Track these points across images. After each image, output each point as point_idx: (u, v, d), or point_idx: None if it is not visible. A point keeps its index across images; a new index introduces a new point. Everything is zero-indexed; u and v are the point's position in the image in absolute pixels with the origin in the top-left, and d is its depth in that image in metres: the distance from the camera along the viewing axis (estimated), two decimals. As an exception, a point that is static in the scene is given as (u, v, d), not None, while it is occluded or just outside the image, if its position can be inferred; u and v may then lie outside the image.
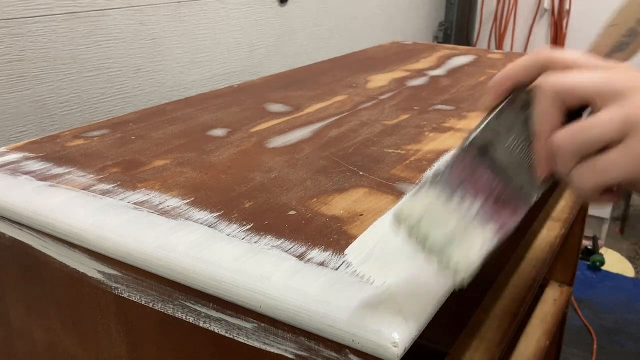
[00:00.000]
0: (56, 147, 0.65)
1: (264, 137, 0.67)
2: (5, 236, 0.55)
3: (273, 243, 0.43)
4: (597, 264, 2.11)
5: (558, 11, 2.27)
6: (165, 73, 1.10)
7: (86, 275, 0.50)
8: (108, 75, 0.99)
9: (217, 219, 0.47)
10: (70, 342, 0.55)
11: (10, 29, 0.83)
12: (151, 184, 0.54)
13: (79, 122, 0.95)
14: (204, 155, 0.62)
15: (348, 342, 0.36)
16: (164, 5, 1.06)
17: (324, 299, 0.37)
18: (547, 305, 1.18)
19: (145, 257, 0.44)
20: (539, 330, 1.06)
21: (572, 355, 1.68)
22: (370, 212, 0.48)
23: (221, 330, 0.43)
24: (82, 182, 0.55)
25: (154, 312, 0.46)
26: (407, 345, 0.34)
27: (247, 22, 1.27)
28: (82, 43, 0.93)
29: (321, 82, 0.95)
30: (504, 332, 0.67)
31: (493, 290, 0.75)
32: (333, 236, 0.44)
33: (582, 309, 1.87)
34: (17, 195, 0.53)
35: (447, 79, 0.97)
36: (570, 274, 1.28)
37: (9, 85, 0.84)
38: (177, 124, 0.73)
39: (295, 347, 0.39)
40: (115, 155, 0.62)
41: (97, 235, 0.47)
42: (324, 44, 1.57)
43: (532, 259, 0.85)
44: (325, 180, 0.55)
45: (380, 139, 0.66)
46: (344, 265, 0.40)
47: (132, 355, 0.50)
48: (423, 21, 2.19)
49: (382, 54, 1.20)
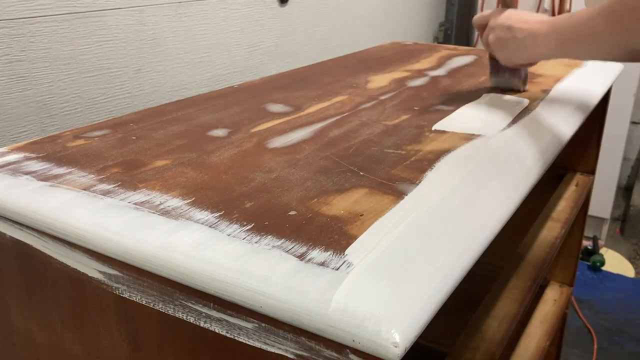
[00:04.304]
0: (57, 147, 0.65)
1: (265, 137, 0.68)
2: (5, 236, 0.55)
3: (274, 243, 0.43)
4: (597, 264, 2.11)
5: (558, 11, 2.27)
6: (165, 73, 1.10)
7: (87, 275, 0.50)
8: (108, 75, 0.99)
9: (218, 219, 0.47)
10: (70, 342, 0.55)
11: (11, 29, 0.83)
12: (152, 184, 0.54)
13: (80, 122, 0.95)
14: (204, 155, 0.62)
15: (348, 342, 0.36)
16: (164, 5, 1.06)
17: (324, 298, 0.37)
18: (547, 305, 1.18)
19: (146, 257, 0.44)
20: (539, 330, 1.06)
21: (572, 355, 1.68)
22: (371, 212, 0.48)
23: (222, 330, 0.43)
24: (82, 182, 0.55)
25: (155, 312, 0.46)
26: (407, 345, 0.34)
27: (247, 22, 1.27)
28: (82, 43, 0.93)
29: (321, 82, 0.95)
30: (504, 332, 0.67)
31: (493, 290, 0.75)
32: (333, 236, 0.44)
33: (582, 309, 1.87)
34: (17, 195, 0.53)
35: (447, 79, 0.97)
36: (570, 274, 1.29)
37: (9, 85, 0.84)
38: (178, 124, 0.73)
39: (295, 347, 0.39)
40: (116, 155, 0.62)
41: (98, 235, 0.47)
42: (324, 44, 1.57)
43: (532, 259, 0.85)
44: (325, 180, 0.55)
45: (380, 139, 0.66)
46: (345, 265, 0.40)
47: (133, 355, 0.50)
48: (423, 21, 2.19)
49: (382, 54, 1.20)
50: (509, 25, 0.74)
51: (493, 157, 0.62)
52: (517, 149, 0.66)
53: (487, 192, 0.54)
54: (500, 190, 0.55)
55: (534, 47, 0.72)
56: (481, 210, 0.50)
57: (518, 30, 0.73)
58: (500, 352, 0.64)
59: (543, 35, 0.70)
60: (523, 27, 0.72)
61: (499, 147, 0.65)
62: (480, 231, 0.47)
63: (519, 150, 0.65)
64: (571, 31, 0.67)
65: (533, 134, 0.71)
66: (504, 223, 0.51)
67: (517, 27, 0.73)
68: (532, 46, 0.72)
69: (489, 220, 0.49)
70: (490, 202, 0.52)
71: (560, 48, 0.69)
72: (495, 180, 0.57)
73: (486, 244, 0.46)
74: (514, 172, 0.59)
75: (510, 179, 0.58)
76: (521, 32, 0.73)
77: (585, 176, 1.23)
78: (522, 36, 0.73)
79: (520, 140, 0.68)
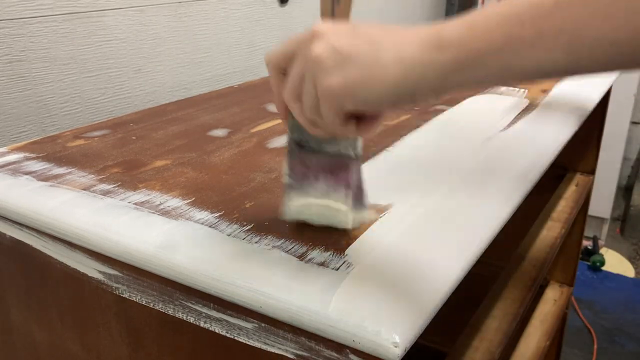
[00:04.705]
0: (57, 147, 0.65)
1: (265, 137, 0.67)
2: (6, 236, 0.55)
3: (273, 243, 0.43)
4: (597, 264, 2.11)
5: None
6: (165, 73, 1.10)
7: (87, 275, 0.50)
8: (108, 75, 0.99)
9: (218, 219, 0.47)
10: (70, 342, 0.55)
11: (11, 29, 0.83)
12: (152, 184, 0.54)
13: (80, 122, 0.95)
14: (204, 155, 0.62)
15: (348, 342, 0.36)
16: (164, 5, 1.06)
17: (324, 298, 0.37)
18: (547, 305, 1.18)
19: (146, 257, 0.44)
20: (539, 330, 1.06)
21: (572, 355, 1.68)
22: (371, 212, 0.48)
23: (222, 330, 0.43)
24: (82, 182, 0.55)
25: (155, 312, 0.46)
26: (407, 345, 0.34)
27: (247, 22, 1.27)
28: (82, 43, 0.93)
29: (321, 82, 0.95)
30: (504, 332, 0.67)
31: (493, 290, 0.75)
32: (333, 236, 0.44)
33: (582, 309, 1.87)
34: (17, 195, 0.53)
35: (447, 79, 0.97)
36: (570, 274, 1.28)
37: (9, 86, 0.84)
38: (178, 124, 0.73)
39: (295, 347, 0.39)
40: (116, 155, 0.62)
41: (98, 235, 0.47)
42: (324, 44, 1.57)
43: (532, 259, 0.85)
44: (325, 180, 0.55)
45: (380, 139, 0.66)
46: (345, 266, 0.40)
47: (133, 355, 0.50)
48: (423, 21, 2.19)
49: (382, 54, 1.20)
50: (353, 31, 0.38)
51: (493, 157, 0.62)
52: (517, 149, 0.66)
53: (487, 192, 0.54)
54: (500, 190, 0.55)
55: (410, 63, 0.35)
56: (481, 210, 0.50)
57: (379, 37, 0.37)
58: (500, 352, 0.64)
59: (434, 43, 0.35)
60: (384, 34, 0.37)
61: (499, 147, 0.65)
62: (480, 231, 0.47)
63: (519, 151, 0.65)
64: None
65: (533, 134, 0.71)
66: (504, 223, 0.50)
67: (375, 33, 0.37)
68: (409, 62, 0.35)
69: (489, 220, 0.49)
70: (490, 202, 0.52)
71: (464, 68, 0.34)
72: (495, 180, 0.57)
73: (486, 244, 0.46)
74: (513, 172, 0.59)
75: (510, 179, 0.58)
76: (388, 40, 0.36)
77: (585, 176, 1.23)
78: (389, 45, 0.36)
79: (520, 141, 0.68)
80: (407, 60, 0.34)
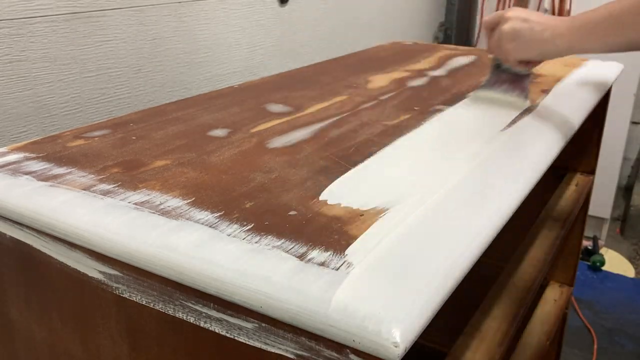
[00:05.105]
0: (57, 147, 0.65)
1: (265, 137, 0.68)
2: (6, 236, 0.55)
3: (274, 243, 0.43)
4: (597, 264, 2.11)
5: (558, 11, 2.27)
6: (165, 73, 1.10)
7: (87, 275, 0.50)
8: (108, 75, 0.99)
9: (218, 219, 0.47)
10: (70, 342, 0.55)
11: (11, 29, 0.83)
12: (152, 184, 0.54)
13: (80, 122, 0.95)
14: (204, 155, 0.62)
15: (349, 342, 0.36)
16: (164, 5, 1.06)
17: (324, 298, 0.37)
18: (547, 305, 1.18)
19: (146, 257, 0.44)
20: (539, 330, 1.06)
21: (572, 355, 1.68)
22: (371, 212, 0.48)
23: (222, 330, 0.43)
24: (82, 182, 0.55)
25: (155, 312, 0.46)
26: (407, 345, 0.34)
27: (247, 22, 1.27)
28: (82, 43, 0.93)
29: (322, 82, 0.95)
30: (504, 332, 0.67)
31: (493, 290, 0.75)
32: (333, 236, 0.44)
33: (582, 309, 1.87)
34: (17, 195, 0.53)
35: (447, 79, 0.97)
36: (570, 274, 1.28)
37: (9, 86, 0.84)
38: (178, 124, 0.73)
39: (295, 347, 0.39)
40: (116, 155, 0.62)
41: (98, 235, 0.47)
42: (324, 44, 1.57)
43: (532, 259, 0.85)
44: (325, 180, 0.55)
45: (380, 139, 0.66)
46: (345, 265, 0.40)
47: (133, 355, 0.50)
48: (423, 21, 2.19)
49: (382, 54, 1.20)
50: (526, 17, 0.75)
51: (493, 157, 0.62)
52: (517, 149, 0.66)
53: (487, 192, 0.54)
54: (500, 190, 0.55)
55: (551, 40, 0.73)
56: (481, 210, 0.50)
57: (536, 23, 0.74)
58: (500, 352, 0.64)
59: (562, 31, 0.72)
60: (541, 21, 0.74)
61: (499, 147, 0.65)
62: (481, 231, 0.47)
63: (519, 151, 0.65)
64: (590, 29, 0.69)
65: (533, 134, 0.71)
66: (504, 223, 0.51)
67: (536, 21, 0.74)
68: (549, 39, 0.73)
69: (489, 220, 0.49)
70: (490, 202, 0.52)
71: (576, 46, 0.71)
72: (495, 180, 0.57)
73: (486, 244, 0.46)
74: (514, 172, 0.59)
75: (510, 178, 0.58)
76: (539, 25, 0.74)
77: (585, 176, 1.23)
78: (540, 29, 0.73)
79: (520, 141, 0.68)
80: (556, 37, 0.72)
